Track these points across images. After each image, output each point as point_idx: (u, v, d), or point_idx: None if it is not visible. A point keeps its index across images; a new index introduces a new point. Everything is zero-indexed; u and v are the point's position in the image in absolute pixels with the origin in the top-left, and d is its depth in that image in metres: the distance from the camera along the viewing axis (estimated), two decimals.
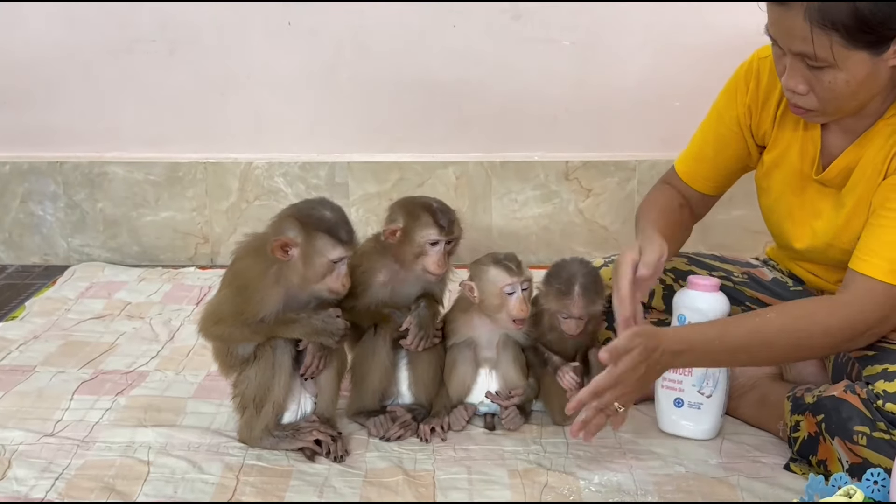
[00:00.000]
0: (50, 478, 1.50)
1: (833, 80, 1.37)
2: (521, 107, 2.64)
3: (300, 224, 1.48)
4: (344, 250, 1.49)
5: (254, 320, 1.51)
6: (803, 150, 1.58)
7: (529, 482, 1.49)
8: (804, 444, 1.50)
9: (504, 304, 1.59)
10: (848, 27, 1.31)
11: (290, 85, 2.64)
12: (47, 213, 2.70)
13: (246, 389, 1.56)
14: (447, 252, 1.60)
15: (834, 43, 1.33)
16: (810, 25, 1.32)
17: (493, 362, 1.69)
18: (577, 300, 1.57)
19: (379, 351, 1.64)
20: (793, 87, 1.42)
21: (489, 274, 1.59)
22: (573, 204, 2.69)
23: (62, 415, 1.71)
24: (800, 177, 1.60)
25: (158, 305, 2.32)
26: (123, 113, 2.67)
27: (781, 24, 1.38)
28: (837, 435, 1.42)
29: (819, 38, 1.33)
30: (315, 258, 1.48)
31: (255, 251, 1.52)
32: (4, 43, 2.61)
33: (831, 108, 1.44)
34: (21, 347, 2.03)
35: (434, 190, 2.65)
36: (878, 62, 1.36)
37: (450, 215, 1.60)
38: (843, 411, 1.41)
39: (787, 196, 1.63)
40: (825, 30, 1.32)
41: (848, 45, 1.33)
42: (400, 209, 1.62)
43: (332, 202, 1.55)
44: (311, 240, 1.48)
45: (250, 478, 1.50)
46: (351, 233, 1.51)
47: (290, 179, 2.68)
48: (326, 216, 1.50)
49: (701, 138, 1.74)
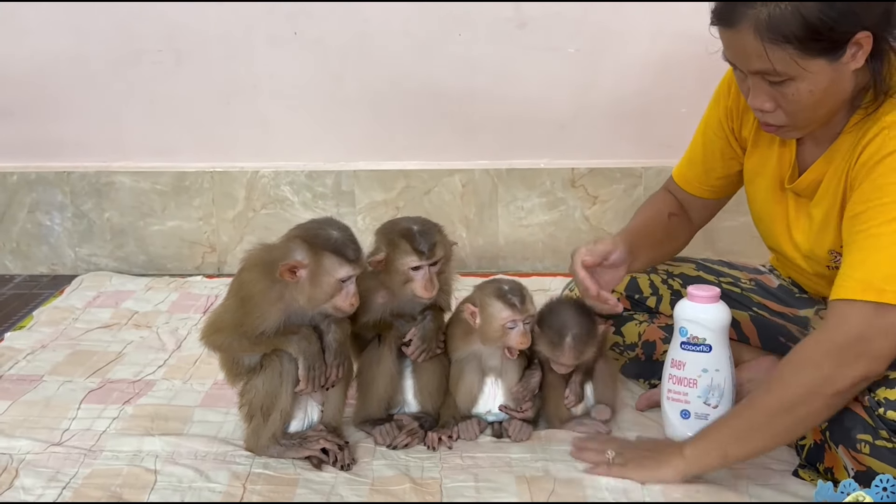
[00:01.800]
0: (57, 487, 1.50)
1: (796, 92, 1.37)
2: (527, 114, 2.64)
3: (307, 245, 1.48)
4: (351, 269, 1.49)
5: (253, 334, 1.51)
6: (781, 159, 1.59)
7: (537, 489, 1.49)
8: (811, 452, 1.50)
9: (504, 335, 1.60)
10: (799, 38, 1.31)
11: (297, 94, 2.64)
12: (55, 223, 2.71)
13: (253, 398, 1.55)
14: (434, 274, 1.58)
15: (790, 55, 1.33)
16: (762, 43, 1.33)
17: (499, 371, 1.68)
18: (568, 351, 1.60)
19: (384, 359, 1.64)
20: (759, 106, 1.42)
21: (493, 308, 1.60)
22: (579, 211, 2.69)
23: (69, 424, 1.72)
24: (780, 185, 1.60)
25: (165, 314, 2.33)
26: (130, 123, 2.68)
27: (735, 46, 1.38)
28: (842, 443, 1.41)
29: (774, 53, 1.33)
30: (323, 278, 1.48)
31: (262, 265, 1.51)
32: (11, 54, 2.62)
33: (801, 121, 1.44)
34: (28, 357, 2.04)
35: (440, 198, 2.66)
36: (838, 67, 1.35)
37: (431, 238, 1.57)
38: (846, 420, 1.40)
39: (769, 205, 1.64)
40: (778, 44, 1.32)
41: (803, 56, 1.33)
42: (382, 237, 1.61)
43: (338, 221, 1.55)
44: (319, 260, 1.47)
45: (257, 486, 1.50)
46: (358, 251, 1.50)
47: (296, 188, 2.68)
48: (333, 236, 1.49)
49: (693, 142, 1.77)
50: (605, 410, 1.67)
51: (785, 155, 1.57)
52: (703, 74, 2.55)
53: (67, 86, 2.64)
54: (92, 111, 2.66)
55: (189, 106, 2.65)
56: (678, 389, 1.60)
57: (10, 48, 2.61)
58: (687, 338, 1.57)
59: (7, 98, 2.65)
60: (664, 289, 1.85)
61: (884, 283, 1.32)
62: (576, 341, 1.59)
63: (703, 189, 1.76)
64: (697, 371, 1.58)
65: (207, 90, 2.64)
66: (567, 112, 2.64)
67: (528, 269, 2.69)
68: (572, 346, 1.59)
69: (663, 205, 1.79)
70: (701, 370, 1.57)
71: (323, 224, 1.53)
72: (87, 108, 2.66)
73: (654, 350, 1.81)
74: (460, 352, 1.67)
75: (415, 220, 1.62)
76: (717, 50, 1.45)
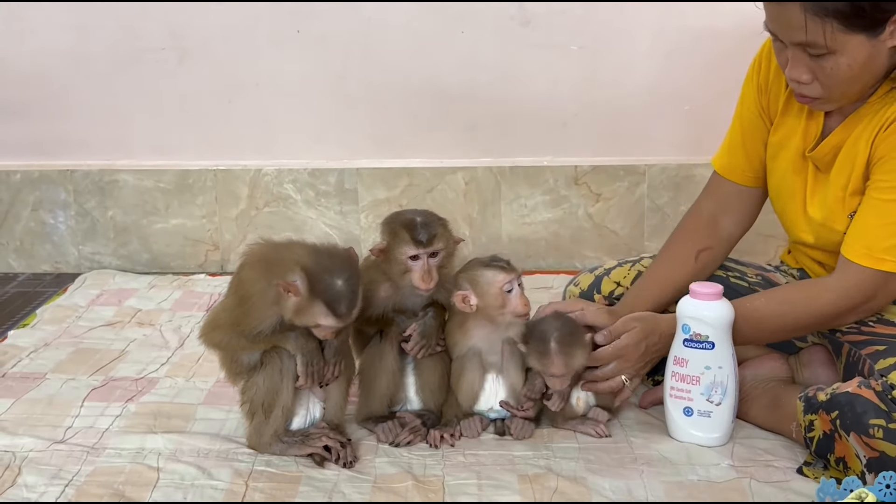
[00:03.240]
0: (59, 484, 1.50)
1: (835, 66, 1.42)
2: (530, 112, 2.64)
3: (307, 281, 1.45)
4: (335, 322, 1.47)
5: (251, 332, 1.51)
6: (806, 132, 1.61)
7: (539, 487, 1.48)
8: (820, 443, 1.49)
9: (505, 302, 1.59)
10: (843, 13, 1.37)
11: (300, 92, 2.64)
12: (58, 221, 2.71)
13: (254, 396, 1.55)
14: (433, 265, 1.57)
15: (832, 29, 1.38)
16: (807, 15, 1.38)
17: (500, 367, 1.67)
18: (556, 357, 1.56)
19: (386, 356, 1.64)
20: (797, 77, 1.47)
21: (485, 277, 1.58)
22: (583, 209, 2.68)
23: (72, 422, 1.72)
24: (802, 157, 1.63)
25: (168, 312, 2.33)
26: (133, 121, 2.68)
27: (779, 18, 1.43)
28: (853, 430, 1.41)
29: (817, 27, 1.38)
30: (307, 317, 1.47)
31: (263, 264, 1.51)
32: (15, 52, 2.62)
33: (836, 94, 1.49)
34: (32, 355, 2.04)
35: (443, 196, 2.65)
36: (877, 44, 1.41)
37: (431, 229, 1.56)
38: (858, 406, 1.41)
39: (789, 176, 1.66)
40: (822, 18, 1.37)
41: (845, 31, 1.38)
42: (385, 227, 1.61)
43: (353, 263, 1.50)
44: (311, 300, 1.45)
45: (259, 483, 1.50)
46: (352, 307, 1.47)
47: (299, 186, 2.68)
48: (335, 286, 1.45)
49: (731, 128, 1.77)
50: (602, 414, 1.66)
51: (811, 127, 1.61)
52: (706, 72, 2.57)
53: (71, 84, 2.64)
54: (95, 109, 2.66)
55: (192, 104, 2.66)
56: (681, 387, 1.60)
57: (13, 46, 2.62)
58: (689, 335, 1.57)
59: (10, 96, 2.66)
60: None
61: (884, 253, 1.48)
62: (561, 346, 1.56)
63: (747, 175, 1.75)
64: (700, 368, 1.57)
65: (210, 88, 2.64)
66: (570, 109, 2.64)
67: (531, 266, 2.69)
68: (558, 350, 1.56)
69: (688, 244, 1.77)
70: (704, 367, 1.57)
71: (334, 266, 1.47)
72: (91, 107, 2.66)
73: None
74: (460, 346, 1.66)
75: (421, 212, 1.62)
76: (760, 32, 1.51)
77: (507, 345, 1.65)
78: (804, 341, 1.74)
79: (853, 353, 1.59)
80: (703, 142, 2.62)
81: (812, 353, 1.72)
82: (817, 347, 1.72)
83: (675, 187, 2.65)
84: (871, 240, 1.50)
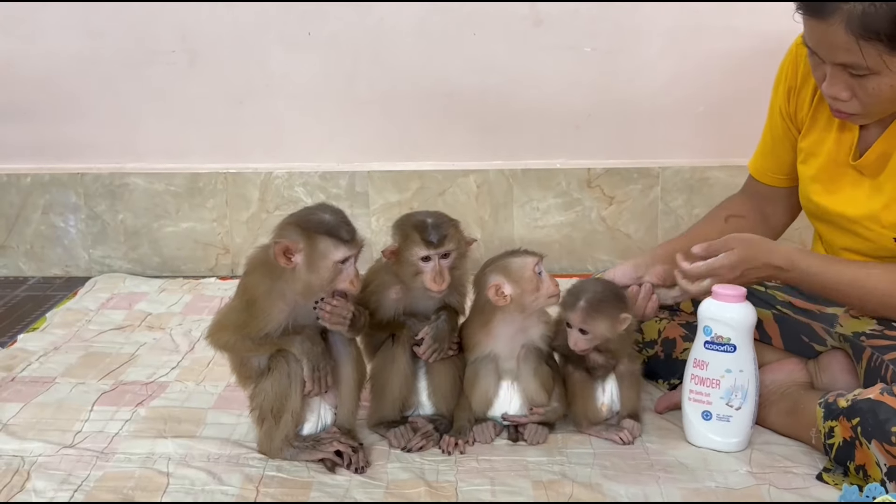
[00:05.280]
0: (69, 489, 1.48)
1: (878, 86, 1.37)
2: (542, 114, 2.62)
3: (300, 229, 1.46)
4: (347, 249, 1.46)
5: (258, 335, 1.50)
6: (839, 139, 1.57)
7: (554, 493, 1.46)
8: (840, 451, 1.46)
9: (539, 285, 1.57)
10: (890, 35, 1.30)
11: (310, 94, 2.63)
12: (69, 225, 2.70)
13: (263, 401, 1.54)
14: (445, 267, 1.56)
15: (879, 51, 1.32)
16: (853, 37, 1.31)
17: (515, 374, 1.66)
18: (578, 313, 1.57)
19: (398, 360, 1.62)
20: (835, 95, 1.42)
21: (515, 263, 1.58)
22: (596, 212, 2.66)
23: (82, 426, 1.70)
24: (835, 164, 1.59)
25: (179, 316, 2.31)
26: (143, 124, 2.67)
27: (821, 37, 1.37)
28: (875, 437, 1.38)
29: (863, 48, 1.32)
30: (320, 262, 1.46)
31: (264, 266, 1.50)
32: (25, 55, 2.61)
33: (875, 112, 1.44)
34: (41, 359, 2.02)
35: (455, 198, 2.64)
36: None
37: (442, 230, 1.55)
38: (881, 413, 1.38)
39: (820, 182, 1.62)
40: (868, 40, 1.31)
41: (893, 52, 1.32)
42: (396, 229, 1.59)
43: (331, 205, 1.53)
44: (314, 243, 1.45)
45: (270, 489, 1.48)
46: (353, 232, 1.48)
47: (310, 189, 2.67)
48: (326, 219, 1.47)
49: (764, 131, 1.75)
50: (637, 427, 1.64)
51: (845, 139, 1.57)
52: (721, 73, 2.55)
53: (80, 87, 2.63)
54: (105, 113, 2.66)
55: (202, 107, 2.64)
56: (700, 390, 1.57)
57: (23, 49, 2.61)
58: (711, 337, 1.54)
59: (21, 99, 2.65)
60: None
61: None
62: (588, 304, 1.57)
63: (779, 178, 1.74)
64: (721, 371, 1.55)
65: (221, 91, 2.63)
66: (583, 111, 2.62)
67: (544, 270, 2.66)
68: (584, 308, 1.57)
69: (723, 210, 1.80)
70: (724, 370, 1.55)
71: (315, 209, 1.51)
72: (101, 110, 2.65)
73: (674, 348, 1.79)
74: (481, 347, 1.63)
75: (432, 213, 1.60)
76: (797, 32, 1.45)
77: (523, 349, 1.64)
78: (824, 345, 1.71)
79: (875, 358, 1.56)
80: (718, 144, 2.61)
81: (831, 358, 1.69)
82: (837, 352, 1.69)
83: (690, 190, 2.63)
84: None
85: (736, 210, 1.81)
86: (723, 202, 1.88)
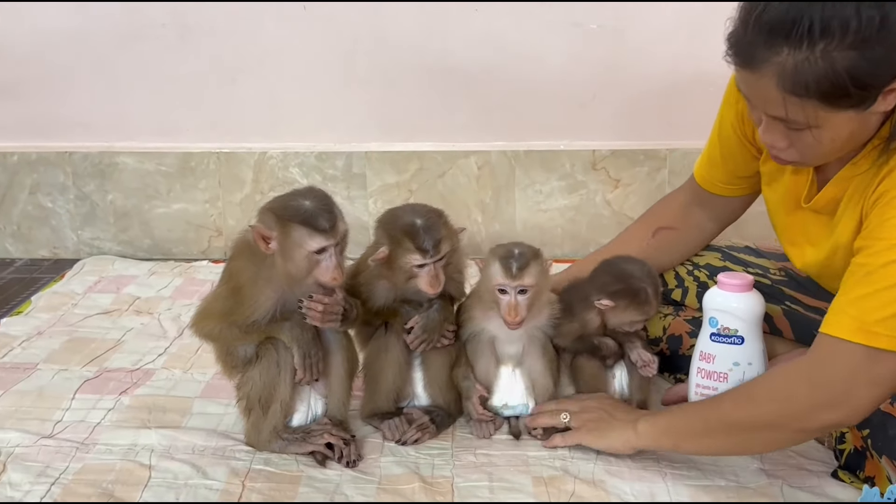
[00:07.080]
0: (46, 482, 1.43)
1: (816, 139, 1.24)
2: (546, 93, 2.55)
3: (275, 216, 1.39)
4: (324, 239, 1.38)
5: (245, 322, 1.43)
6: (796, 180, 1.47)
7: (555, 490, 1.40)
8: (850, 458, 1.41)
9: None
10: (826, 93, 1.17)
11: (306, 71, 2.56)
12: (57, 205, 2.64)
13: (251, 391, 1.48)
14: (441, 269, 1.49)
15: (814, 107, 1.19)
16: (784, 94, 1.19)
17: (518, 359, 1.59)
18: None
19: (392, 348, 1.56)
20: (772, 143, 1.30)
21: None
22: (600, 195, 2.60)
23: (62, 415, 1.65)
24: (792, 198, 1.49)
25: (168, 300, 2.25)
26: (133, 101, 2.60)
27: (753, 89, 1.25)
28: (885, 453, 1.31)
29: (795, 105, 1.20)
30: (294, 251, 1.38)
31: (248, 250, 1.43)
32: (11, 30, 2.55)
33: (816, 160, 1.33)
34: (24, 344, 1.96)
35: (455, 180, 2.57)
36: (866, 115, 1.22)
37: (436, 234, 1.47)
38: (890, 428, 1.31)
39: (780, 215, 1.55)
40: (802, 97, 1.18)
41: (830, 108, 1.19)
42: (384, 233, 1.51)
43: (317, 190, 1.44)
44: (287, 232, 1.38)
45: (257, 484, 1.42)
46: (333, 220, 1.39)
47: (305, 170, 2.60)
48: (304, 206, 1.39)
49: (710, 142, 1.67)
50: None
51: (801, 173, 1.46)
52: None
53: (69, 63, 2.57)
54: (94, 90, 2.59)
55: (194, 84, 2.58)
56: (707, 384, 1.50)
57: (10, 24, 2.54)
58: (717, 329, 1.47)
59: (7, 76, 2.59)
60: (690, 280, 1.76)
61: (877, 326, 1.20)
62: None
63: (728, 188, 1.67)
64: (728, 364, 1.47)
65: (213, 67, 2.56)
66: (588, 91, 2.56)
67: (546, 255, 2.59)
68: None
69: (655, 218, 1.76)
70: (732, 363, 1.47)
71: (296, 195, 1.43)
72: (90, 87, 2.59)
73: (680, 345, 1.72)
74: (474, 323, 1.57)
75: (417, 211, 1.51)
76: None
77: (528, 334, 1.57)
78: None
79: None
80: None
81: None
82: None
83: None
84: (862, 311, 1.22)
85: (668, 221, 1.74)
86: (659, 204, 1.80)
